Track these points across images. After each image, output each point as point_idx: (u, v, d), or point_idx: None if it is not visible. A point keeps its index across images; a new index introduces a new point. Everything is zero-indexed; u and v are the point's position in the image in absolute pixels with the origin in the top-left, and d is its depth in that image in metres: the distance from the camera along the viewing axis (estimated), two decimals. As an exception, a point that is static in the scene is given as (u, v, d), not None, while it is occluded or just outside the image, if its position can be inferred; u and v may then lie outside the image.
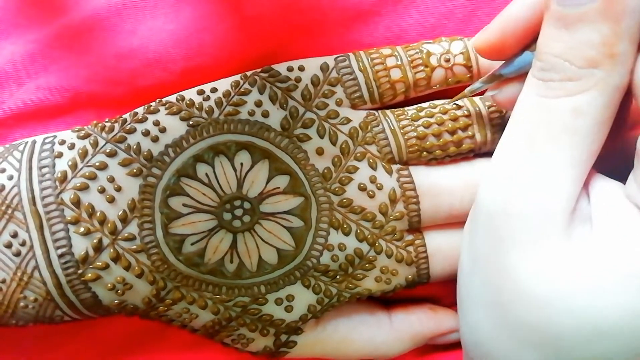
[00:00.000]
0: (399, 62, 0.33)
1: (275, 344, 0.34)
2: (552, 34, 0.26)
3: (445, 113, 0.33)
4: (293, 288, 0.33)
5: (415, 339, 0.36)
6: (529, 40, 0.29)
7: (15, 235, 0.30)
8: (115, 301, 0.31)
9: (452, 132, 0.33)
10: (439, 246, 0.34)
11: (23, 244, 0.30)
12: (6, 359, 0.36)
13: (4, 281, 0.30)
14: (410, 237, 0.33)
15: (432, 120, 0.33)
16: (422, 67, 0.33)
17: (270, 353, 0.34)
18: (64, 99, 0.35)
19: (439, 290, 0.37)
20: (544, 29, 0.27)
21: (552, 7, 0.26)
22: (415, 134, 0.33)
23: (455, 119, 0.33)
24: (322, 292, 0.33)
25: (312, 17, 0.34)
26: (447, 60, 0.33)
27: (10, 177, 0.30)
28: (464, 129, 0.33)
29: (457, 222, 0.34)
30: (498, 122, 0.33)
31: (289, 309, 0.33)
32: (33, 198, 0.30)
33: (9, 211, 0.30)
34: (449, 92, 0.34)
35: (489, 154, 0.34)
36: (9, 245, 0.30)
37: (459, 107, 0.33)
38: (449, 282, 0.37)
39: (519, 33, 0.29)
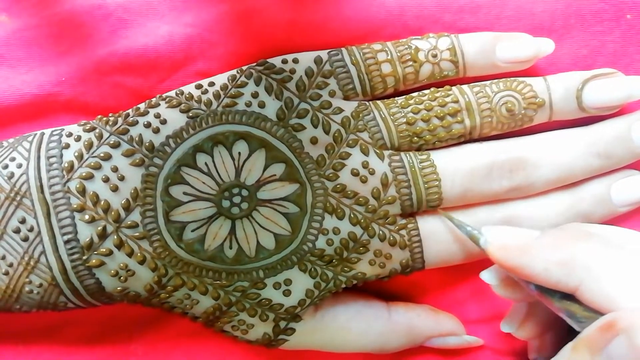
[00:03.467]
0: (389, 57, 0.35)
1: (274, 331, 0.34)
2: None
3: (434, 100, 0.35)
4: (290, 272, 0.34)
5: (413, 335, 0.37)
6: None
7: (23, 221, 0.31)
8: (118, 288, 0.32)
9: (441, 118, 0.34)
10: (433, 230, 0.35)
11: (31, 229, 0.31)
12: (3, 343, 0.37)
13: (11, 265, 0.32)
14: (403, 221, 0.34)
15: (420, 106, 0.34)
16: (410, 62, 0.35)
17: (269, 340, 0.35)
18: (46, 98, 0.37)
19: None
20: None
21: None
22: (404, 120, 0.34)
23: (443, 105, 0.34)
24: (319, 276, 0.34)
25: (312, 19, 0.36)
26: (435, 56, 0.35)
27: (20, 166, 0.32)
28: (453, 114, 0.34)
29: (450, 206, 0.35)
30: (487, 107, 0.34)
31: (287, 293, 0.34)
32: (41, 186, 0.32)
33: (18, 198, 0.31)
34: (436, 86, 0.35)
35: (479, 139, 0.36)
36: (17, 231, 0.31)
37: (447, 94, 0.35)
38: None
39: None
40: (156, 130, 0.33)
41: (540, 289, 0.30)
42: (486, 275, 0.33)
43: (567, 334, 0.30)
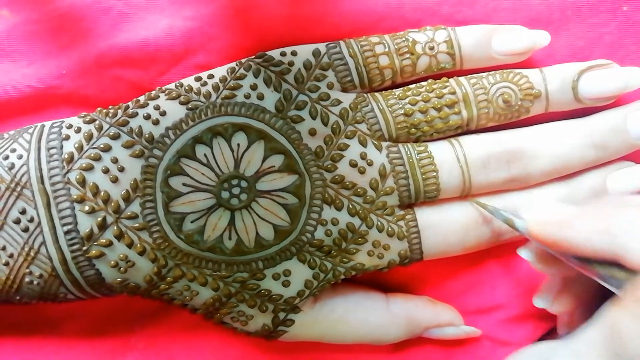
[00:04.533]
0: (387, 50, 0.35)
1: (273, 322, 0.35)
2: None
3: (431, 91, 0.35)
4: (289, 263, 0.34)
5: (411, 326, 0.37)
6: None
7: (23, 212, 0.32)
8: (118, 279, 0.33)
9: (439, 109, 0.35)
10: (431, 221, 0.35)
11: (31, 220, 0.32)
12: (4, 335, 0.37)
13: (11, 256, 0.32)
14: (401, 212, 0.35)
15: (418, 98, 0.35)
16: (408, 55, 0.35)
17: (268, 332, 0.35)
18: (46, 91, 0.37)
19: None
20: (632, 320, 0.26)
21: None
22: (402, 111, 0.34)
23: (441, 97, 0.35)
24: (318, 267, 0.34)
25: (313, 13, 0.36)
26: (432, 48, 0.35)
27: (20, 157, 0.32)
28: (450, 106, 0.35)
29: (447, 197, 0.35)
30: (484, 98, 0.35)
31: (286, 284, 0.34)
32: (41, 177, 0.32)
33: (18, 188, 0.32)
34: (434, 78, 0.36)
35: (477, 131, 0.36)
36: (17, 221, 0.32)
37: (444, 85, 0.35)
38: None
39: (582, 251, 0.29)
40: (156, 122, 0.33)
41: (580, 260, 0.30)
42: (524, 252, 0.33)
43: (598, 308, 0.29)
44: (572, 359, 0.28)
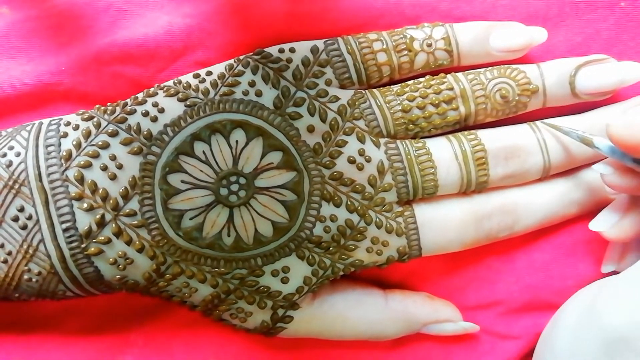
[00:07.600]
0: (385, 46, 0.35)
1: (272, 319, 0.35)
2: None
3: (429, 87, 0.35)
4: (288, 260, 0.34)
5: (410, 322, 0.37)
6: None
7: (22, 209, 0.32)
8: (117, 276, 0.33)
9: (436, 105, 0.35)
10: (429, 217, 0.35)
11: (29, 217, 0.32)
12: (3, 332, 0.37)
13: (10, 253, 0.32)
14: (399, 209, 0.35)
15: (416, 94, 0.35)
16: (405, 52, 0.35)
17: (267, 328, 0.35)
18: (45, 88, 0.37)
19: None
20: None
21: None
22: (400, 108, 0.34)
23: (438, 92, 0.35)
24: (317, 264, 0.34)
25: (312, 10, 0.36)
26: (429, 45, 0.35)
27: (18, 154, 0.32)
28: (448, 102, 0.35)
29: (446, 194, 0.35)
30: (481, 94, 0.35)
31: (285, 280, 0.34)
32: (39, 174, 0.32)
33: (16, 186, 0.32)
34: (431, 75, 0.36)
35: (475, 126, 0.36)
36: (15, 219, 0.32)
37: (442, 81, 0.35)
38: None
39: None
40: (154, 119, 0.33)
41: None
42: (600, 166, 0.33)
43: None
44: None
